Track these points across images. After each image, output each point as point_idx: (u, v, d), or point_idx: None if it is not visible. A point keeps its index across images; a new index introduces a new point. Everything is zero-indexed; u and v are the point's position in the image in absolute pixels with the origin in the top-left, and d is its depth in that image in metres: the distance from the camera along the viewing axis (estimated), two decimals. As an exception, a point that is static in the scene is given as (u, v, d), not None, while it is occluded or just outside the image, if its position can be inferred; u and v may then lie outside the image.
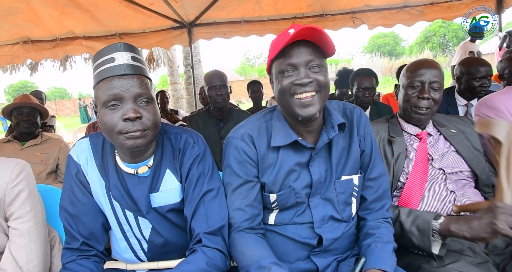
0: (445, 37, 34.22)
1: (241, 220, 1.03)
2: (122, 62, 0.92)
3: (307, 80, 0.93)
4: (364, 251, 1.01)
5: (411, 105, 1.36)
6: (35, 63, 7.47)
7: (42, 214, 1.14)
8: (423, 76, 1.33)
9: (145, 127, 0.93)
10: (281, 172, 1.04)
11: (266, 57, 1.14)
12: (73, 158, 1.06)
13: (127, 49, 0.95)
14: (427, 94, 1.32)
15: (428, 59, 1.39)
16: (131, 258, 1.12)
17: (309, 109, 0.94)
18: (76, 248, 1.02)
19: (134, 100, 0.92)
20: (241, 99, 20.72)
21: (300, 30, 0.89)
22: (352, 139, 1.08)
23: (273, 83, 1.04)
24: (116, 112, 0.91)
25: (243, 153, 1.04)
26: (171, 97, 8.15)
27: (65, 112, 28.95)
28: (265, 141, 1.06)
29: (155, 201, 1.05)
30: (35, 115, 2.36)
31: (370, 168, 1.10)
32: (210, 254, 0.96)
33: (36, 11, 3.26)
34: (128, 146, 0.93)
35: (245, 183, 1.05)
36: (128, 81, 0.91)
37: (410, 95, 1.36)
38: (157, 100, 4.77)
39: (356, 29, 3.93)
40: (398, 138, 1.39)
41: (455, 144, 1.35)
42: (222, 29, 4.05)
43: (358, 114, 1.10)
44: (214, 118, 2.42)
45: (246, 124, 1.10)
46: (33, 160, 2.27)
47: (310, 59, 0.94)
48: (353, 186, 1.07)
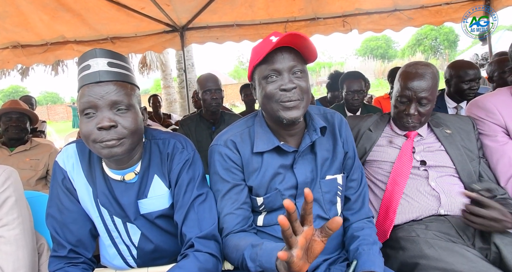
0: (436, 40, 34.75)
1: (233, 224, 1.03)
2: (97, 69, 0.91)
3: (291, 85, 0.95)
4: (353, 255, 1.03)
5: (398, 117, 1.39)
6: (26, 68, 7.40)
7: (29, 221, 1.12)
8: (411, 91, 1.31)
9: (120, 135, 0.91)
10: (266, 175, 1.06)
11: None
12: (59, 164, 1.05)
13: (103, 55, 0.93)
14: (413, 111, 1.32)
15: (420, 67, 1.33)
16: (121, 265, 1.11)
17: (292, 112, 0.96)
18: (64, 255, 1.01)
19: (110, 108, 0.90)
20: (235, 102, 20.73)
21: (284, 37, 0.91)
22: (336, 141, 1.11)
23: (255, 89, 1.05)
24: (91, 120, 0.90)
25: (228, 159, 1.05)
26: (165, 101, 8.12)
27: (57, 117, 28.61)
28: (249, 146, 1.07)
29: (144, 207, 1.04)
30: (24, 121, 2.33)
31: (353, 169, 1.15)
32: (202, 259, 0.95)
33: (25, 15, 3.23)
34: (104, 155, 0.92)
35: (233, 187, 1.06)
36: (103, 89, 0.90)
37: (398, 108, 1.38)
38: (149, 104, 4.73)
39: (346, 34, 3.98)
40: (373, 133, 1.45)
41: (446, 144, 1.36)
42: (215, 33, 4.05)
43: (339, 118, 1.15)
44: (206, 121, 2.41)
45: (228, 130, 1.11)
46: (22, 166, 2.24)
47: (293, 64, 0.96)
48: (337, 185, 1.11)
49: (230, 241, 1.00)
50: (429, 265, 1.06)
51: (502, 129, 1.39)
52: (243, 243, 0.93)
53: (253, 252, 0.86)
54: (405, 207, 1.30)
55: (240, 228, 1.03)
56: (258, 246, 0.86)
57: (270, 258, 0.77)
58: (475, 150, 1.38)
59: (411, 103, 1.32)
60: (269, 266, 0.77)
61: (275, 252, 0.76)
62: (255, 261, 0.84)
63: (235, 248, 0.95)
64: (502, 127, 1.39)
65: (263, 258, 0.80)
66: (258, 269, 0.83)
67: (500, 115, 1.39)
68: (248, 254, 0.87)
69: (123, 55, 0.99)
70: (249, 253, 0.87)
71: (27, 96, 4.04)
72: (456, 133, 1.40)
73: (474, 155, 1.37)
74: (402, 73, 1.37)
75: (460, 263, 1.01)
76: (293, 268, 0.68)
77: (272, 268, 0.76)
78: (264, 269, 0.81)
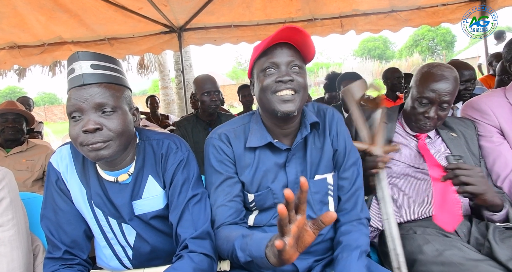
0: (433, 41, 34.90)
1: (225, 216, 1.02)
2: (81, 72, 0.90)
3: (288, 78, 0.96)
4: (334, 262, 1.02)
5: (416, 119, 1.32)
6: (23, 69, 7.34)
7: (24, 222, 1.11)
8: (435, 93, 1.24)
9: (106, 138, 0.90)
10: (258, 172, 1.06)
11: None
12: (53, 166, 1.04)
13: (86, 57, 0.92)
14: (433, 114, 1.27)
15: (446, 70, 1.27)
16: (116, 266, 1.10)
17: (288, 105, 0.97)
18: (59, 257, 1.00)
19: (95, 111, 0.90)
20: (233, 103, 20.74)
21: (284, 30, 0.93)
22: (325, 137, 1.10)
23: (254, 85, 1.07)
24: (78, 123, 0.90)
25: (221, 151, 1.06)
26: (163, 101, 8.10)
27: (54, 118, 28.51)
28: (242, 142, 1.08)
29: (138, 208, 1.04)
30: (20, 122, 2.32)
31: (343, 167, 1.11)
32: (197, 260, 0.95)
33: (22, 15, 3.22)
34: (92, 158, 0.91)
35: (226, 180, 1.06)
36: (87, 91, 0.89)
37: (416, 109, 1.31)
38: (147, 105, 4.70)
39: (344, 35, 4.00)
40: (389, 125, 1.37)
41: (452, 147, 1.35)
42: (212, 34, 4.06)
43: (331, 114, 1.12)
44: (202, 122, 2.42)
45: (224, 125, 1.13)
46: (18, 167, 2.23)
47: (292, 59, 0.99)
48: (328, 185, 1.09)
49: (222, 232, 1.00)
50: (427, 260, 1.07)
51: (497, 130, 1.40)
52: (234, 234, 0.93)
53: (243, 242, 0.86)
54: (406, 207, 1.30)
55: (232, 220, 1.03)
56: (248, 236, 0.86)
57: (260, 246, 0.77)
58: (477, 154, 1.38)
59: (432, 106, 1.27)
60: (258, 254, 0.77)
61: (264, 241, 0.76)
62: (244, 251, 0.83)
63: (226, 239, 0.95)
64: (496, 128, 1.40)
65: (253, 247, 0.80)
66: (248, 258, 0.82)
67: (494, 116, 1.40)
68: (238, 244, 0.87)
69: (111, 57, 0.98)
70: (240, 243, 0.86)
71: (24, 97, 4.02)
72: (461, 136, 1.39)
73: (477, 159, 1.37)
74: (426, 73, 1.29)
75: (457, 256, 1.03)
76: (283, 256, 0.69)
77: (261, 256, 0.76)
78: (253, 258, 0.80)
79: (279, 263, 0.72)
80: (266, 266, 0.76)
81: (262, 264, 0.77)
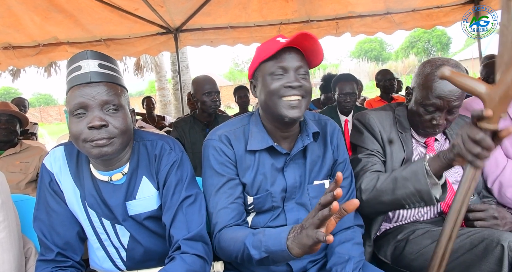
0: (429, 43, 35.20)
1: (228, 219, 1.02)
2: (88, 70, 0.92)
3: (297, 83, 0.97)
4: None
5: (423, 126, 1.21)
6: (17, 69, 7.30)
7: (16, 224, 1.10)
8: (441, 100, 1.09)
9: (110, 135, 0.92)
10: (259, 174, 1.07)
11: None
12: (46, 167, 1.04)
13: (94, 56, 0.95)
14: (442, 121, 1.14)
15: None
16: (110, 268, 1.09)
17: (296, 110, 0.98)
18: (51, 259, 0.99)
19: (101, 108, 0.92)
20: (230, 104, 20.73)
21: (296, 37, 0.94)
22: (326, 147, 1.13)
23: (257, 86, 1.06)
24: (82, 120, 0.91)
25: (223, 154, 1.06)
26: (159, 102, 8.08)
27: (50, 119, 28.29)
28: (242, 144, 1.08)
29: (132, 209, 1.03)
30: (14, 123, 2.30)
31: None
32: (189, 261, 0.95)
33: (17, 16, 3.19)
34: (95, 155, 0.92)
35: (228, 182, 1.06)
36: (94, 89, 0.91)
37: (422, 114, 1.17)
38: (143, 106, 4.69)
39: (339, 37, 4.02)
40: (404, 134, 1.25)
41: None
42: (209, 36, 4.05)
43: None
44: (200, 123, 2.42)
45: (223, 127, 1.13)
46: (12, 169, 2.20)
47: (300, 65, 1.00)
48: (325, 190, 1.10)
49: (226, 234, 0.99)
50: (418, 235, 1.09)
51: None
52: (241, 234, 0.93)
53: (255, 239, 0.85)
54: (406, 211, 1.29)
55: (234, 222, 1.03)
56: (259, 233, 0.86)
57: (279, 240, 0.78)
58: None
59: (440, 113, 1.14)
60: (278, 248, 0.77)
61: (283, 234, 0.77)
62: (259, 248, 0.83)
63: (233, 240, 0.94)
64: None
65: (269, 243, 0.80)
66: (263, 254, 0.82)
67: None
68: (250, 242, 0.86)
69: (113, 58, 1.00)
70: (251, 241, 0.86)
71: (19, 98, 3.99)
72: None
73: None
74: (429, 76, 1.12)
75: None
76: (315, 245, 0.71)
77: (282, 249, 0.76)
78: (270, 253, 0.80)
79: (303, 253, 0.74)
80: (286, 259, 0.78)
81: (281, 257, 0.78)
